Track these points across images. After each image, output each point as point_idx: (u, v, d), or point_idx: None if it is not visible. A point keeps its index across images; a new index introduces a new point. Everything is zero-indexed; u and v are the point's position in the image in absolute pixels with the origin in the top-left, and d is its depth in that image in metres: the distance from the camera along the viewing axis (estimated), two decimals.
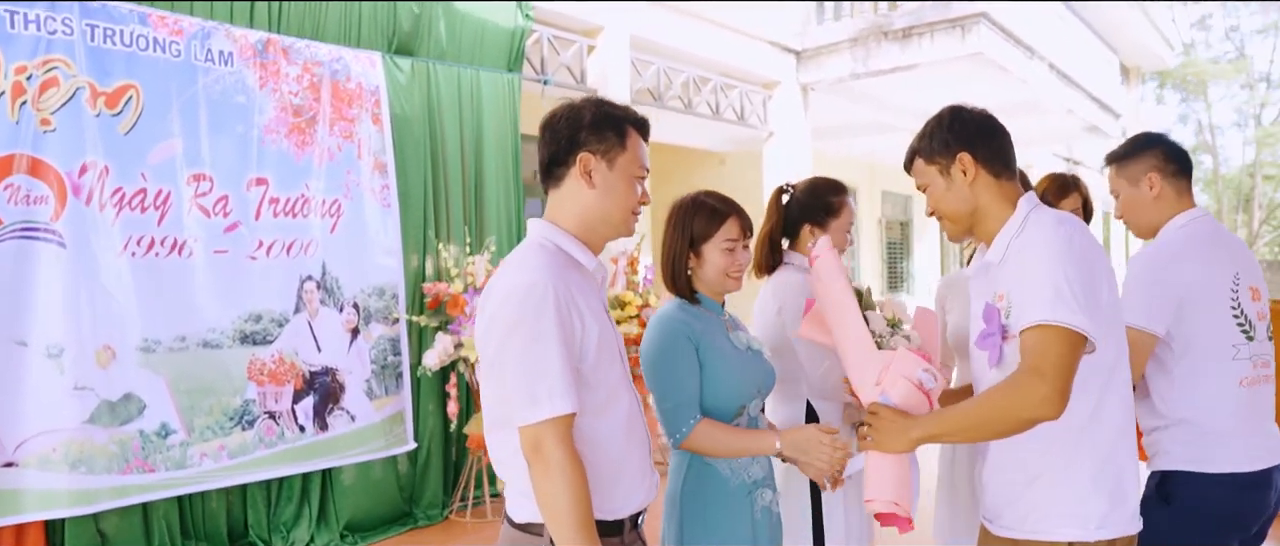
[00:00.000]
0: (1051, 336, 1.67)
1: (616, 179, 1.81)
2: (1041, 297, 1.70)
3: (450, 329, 5.29)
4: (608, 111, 1.83)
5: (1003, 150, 1.92)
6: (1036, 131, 13.28)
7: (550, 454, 1.62)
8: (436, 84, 5.58)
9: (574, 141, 1.80)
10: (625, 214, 1.84)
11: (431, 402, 5.39)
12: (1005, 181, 1.92)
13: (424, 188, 5.47)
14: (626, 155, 1.82)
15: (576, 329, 1.69)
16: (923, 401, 2.01)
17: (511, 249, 5.92)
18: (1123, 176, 2.50)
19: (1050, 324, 1.67)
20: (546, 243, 1.79)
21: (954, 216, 1.95)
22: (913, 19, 8.88)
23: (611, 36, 7.14)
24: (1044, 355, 1.66)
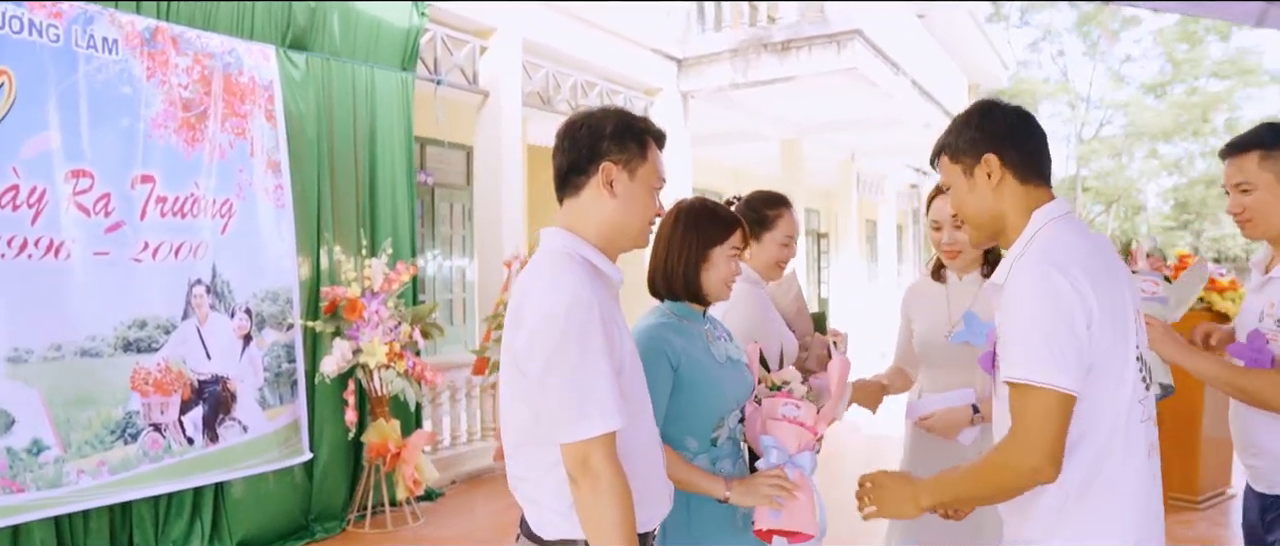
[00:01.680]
0: (1031, 399, 1.59)
1: (637, 189, 1.81)
2: (1018, 349, 1.61)
3: (348, 334, 5.12)
4: (629, 122, 1.82)
5: (1034, 154, 1.77)
6: (896, 144, 13.99)
7: (600, 470, 1.61)
8: (331, 81, 5.39)
9: (596, 151, 1.78)
10: (644, 224, 1.85)
11: (329, 411, 5.19)
12: (1032, 188, 1.77)
13: (318, 188, 5.26)
14: (646, 166, 1.82)
15: (616, 342, 1.69)
16: (802, 432, 2.15)
17: (409, 252, 5.82)
18: (1269, 170, 2.23)
19: (1029, 383, 1.59)
20: (574, 253, 1.77)
21: (976, 222, 1.83)
22: (791, 33, 9.19)
23: (504, 38, 7.07)
24: (1023, 419, 1.60)
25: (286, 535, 4.96)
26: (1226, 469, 5.76)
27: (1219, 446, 5.54)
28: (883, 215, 17.93)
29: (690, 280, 2.24)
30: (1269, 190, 2.21)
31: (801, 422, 2.18)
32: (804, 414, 2.18)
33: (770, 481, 2.13)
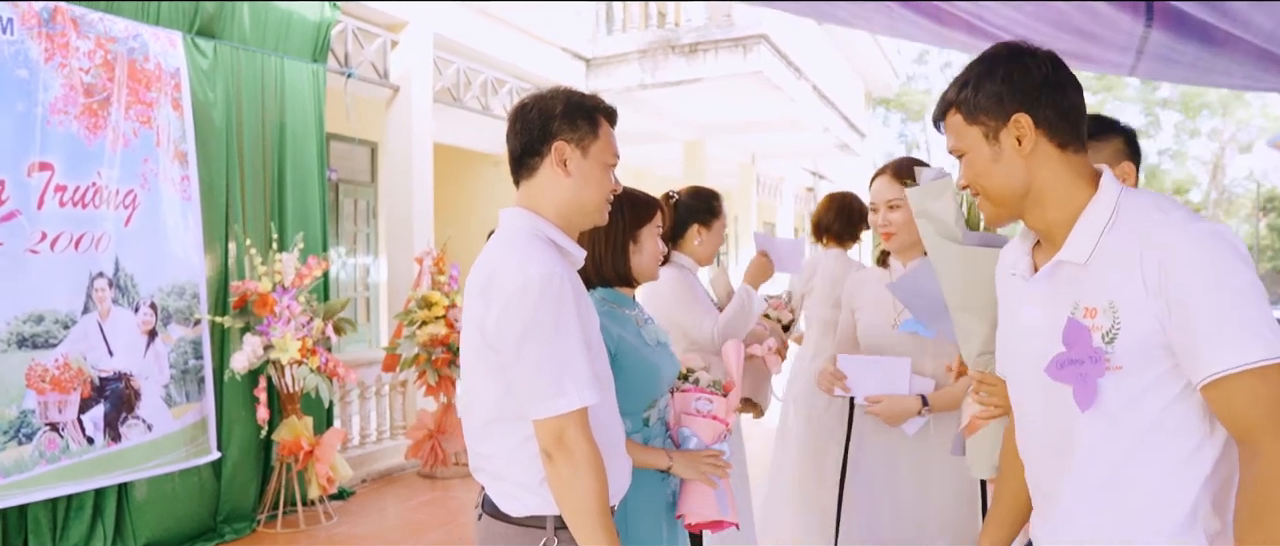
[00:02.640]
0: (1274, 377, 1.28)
1: (591, 167, 1.82)
2: (1238, 330, 1.30)
3: (258, 330, 4.98)
4: (578, 101, 1.84)
5: (1073, 112, 1.46)
6: (795, 146, 14.36)
7: (575, 444, 1.64)
8: (240, 71, 5.23)
9: (547, 131, 1.79)
10: (600, 202, 1.86)
11: (239, 408, 5.04)
12: (1074, 154, 1.46)
13: (227, 180, 5.11)
14: (599, 143, 1.83)
15: (586, 318, 1.72)
16: (715, 424, 2.27)
17: (320, 246, 5.70)
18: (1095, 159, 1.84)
19: (1273, 363, 1.28)
20: (538, 232, 1.78)
21: (1000, 197, 1.51)
22: (699, 36, 9.35)
23: (416, 32, 6.99)
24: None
25: (194, 537, 4.79)
26: None
27: None
28: (780, 217, 18.36)
29: (619, 264, 2.32)
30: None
31: (715, 416, 2.28)
32: (716, 407, 2.29)
33: (709, 459, 2.21)
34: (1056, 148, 1.45)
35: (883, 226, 2.61)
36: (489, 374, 1.73)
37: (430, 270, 6.53)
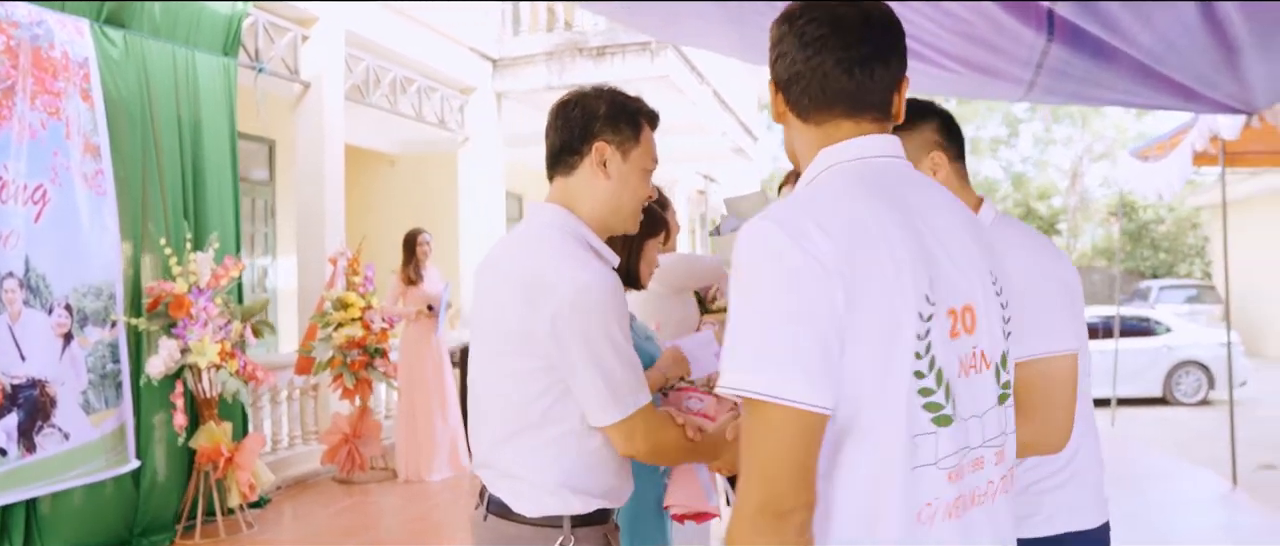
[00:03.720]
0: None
1: (630, 171, 1.79)
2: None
3: (175, 332, 4.81)
4: (623, 103, 1.82)
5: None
6: (693, 150, 14.63)
7: (644, 438, 1.70)
8: (151, 62, 5.04)
9: (588, 130, 1.76)
10: (636, 206, 1.84)
11: (156, 414, 4.85)
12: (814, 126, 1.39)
13: (142, 176, 4.91)
14: (640, 148, 1.80)
15: (625, 319, 1.73)
16: (706, 423, 2.38)
17: (234, 246, 5.54)
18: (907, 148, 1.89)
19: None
20: (574, 233, 1.76)
21: None
22: (607, 39, 9.46)
23: (326, 28, 6.85)
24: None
25: None
26: None
27: None
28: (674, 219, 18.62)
29: (631, 267, 2.39)
30: None
31: (706, 414, 2.37)
32: (707, 405, 2.39)
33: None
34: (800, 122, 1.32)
35: None
36: (517, 377, 1.70)
37: (345, 271, 6.43)
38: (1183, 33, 3.54)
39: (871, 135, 1.26)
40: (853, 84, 1.24)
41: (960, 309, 1.19)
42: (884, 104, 1.27)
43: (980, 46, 3.91)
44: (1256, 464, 7.06)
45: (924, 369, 1.13)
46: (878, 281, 1.11)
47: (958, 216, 1.26)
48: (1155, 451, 7.99)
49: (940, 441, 1.15)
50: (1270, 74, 4.12)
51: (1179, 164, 7.18)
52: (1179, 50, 3.70)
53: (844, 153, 1.25)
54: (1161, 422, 9.88)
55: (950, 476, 1.16)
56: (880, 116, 1.27)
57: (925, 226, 1.19)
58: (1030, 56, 3.89)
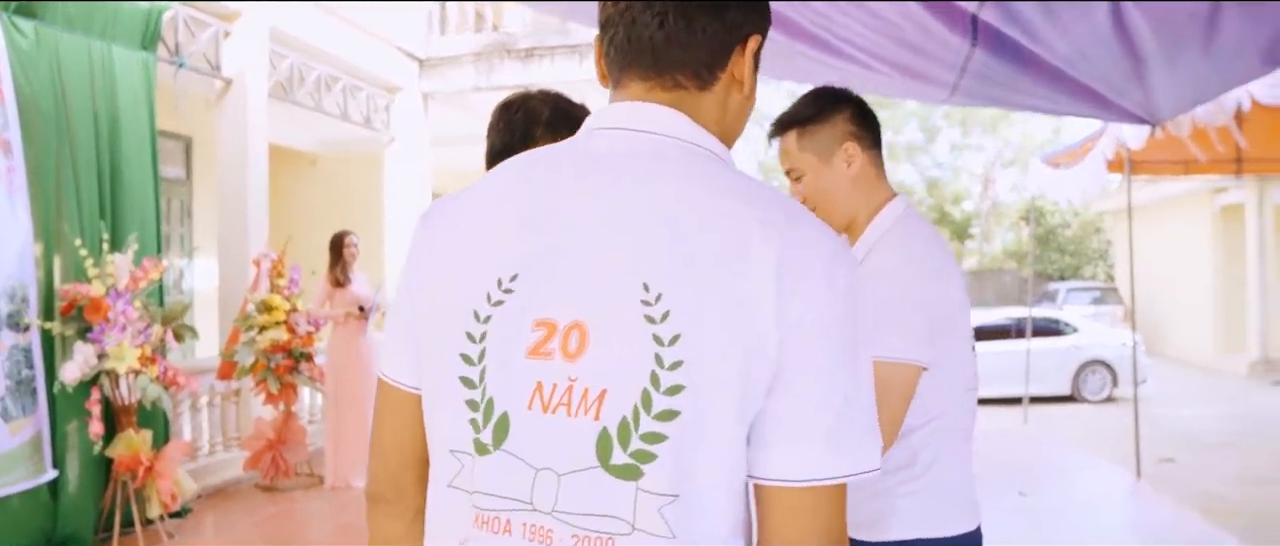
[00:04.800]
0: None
1: None
2: None
3: (91, 336, 4.64)
4: (566, 110, 1.81)
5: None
6: None
7: None
8: (66, 55, 4.85)
9: (530, 135, 1.74)
10: None
11: (71, 422, 4.66)
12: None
13: (54, 174, 4.72)
14: None
15: None
16: None
17: (155, 247, 5.37)
18: (808, 149, 1.77)
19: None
20: None
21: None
22: (535, 41, 9.43)
23: (250, 24, 6.69)
24: None
25: None
26: None
27: None
28: None
29: None
30: (814, 173, 1.78)
31: None
32: None
33: None
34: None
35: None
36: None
37: (269, 273, 6.28)
38: (1096, 42, 3.72)
39: (632, 101, 0.99)
40: (662, 36, 0.97)
41: (564, 325, 0.90)
42: (688, 64, 0.98)
43: (906, 49, 4.03)
44: (1157, 457, 7.41)
45: (475, 378, 0.93)
46: (451, 260, 0.98)
47: (665, 213, 0.91)
48: (1065, 447, 8.32)
49: (476, 470, 0.92)
50: (1174, 86, 4.34)
51: (1093, 171, 7.50)
52: (1092, 58, 3.88)
53: (589, 123, 1.04)
54: (1070, 419, 10.29)
55: (479, 520, 0.92)
56: (679, 83, 0.99)
57: (581, 217, 0.93)
58: (955, 60, 4.03)
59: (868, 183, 1.78)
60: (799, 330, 0.87)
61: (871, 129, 1.78)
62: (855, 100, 1.80)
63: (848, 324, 0.90)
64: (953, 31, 3.83)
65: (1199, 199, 15.86)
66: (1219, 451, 8.13)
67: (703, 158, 0.97)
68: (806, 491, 0.88)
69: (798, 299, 0.87)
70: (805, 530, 0.89)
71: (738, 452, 0.88)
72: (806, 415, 0.88)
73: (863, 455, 0.90)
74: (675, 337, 0.86)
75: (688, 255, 0.88)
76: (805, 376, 0.88)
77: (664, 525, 0.86)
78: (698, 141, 0.98)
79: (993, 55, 3.97)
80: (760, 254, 0.88)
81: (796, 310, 0.87)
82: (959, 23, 3.80)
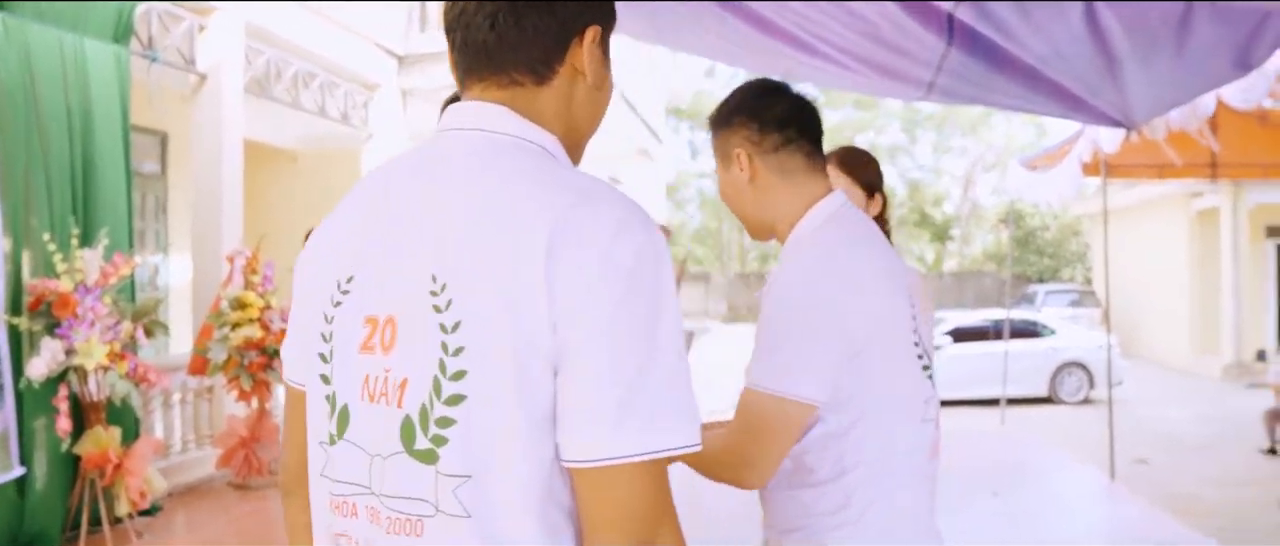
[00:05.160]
0: None
1: None
2: None
3: (58, 332, 4.57)
4: None
5: None
6: (598, 151, 14.67)
7: None
8: (36, 47, 4.79)
9: None
10: None
11: (38, 419, 4.59)
12: None
13: (23, 168, 4.65)
14: None
15: None
16: None
17: (126, 243, 5.30)
18: (716, 152, 1.68)
19: None
20: None
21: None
22: None
23: (225, 18, 6.62)
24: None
25: None
26: None
27: None
28: None
29: None
30: (720, 176, 1.69)
31: None
32: None
33: None
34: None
35: None
36: None
37: (243, 269, 6.22)
38: (1071, 41, 3.73)
39: (471, 101, 1.03)
40: (494, 37, 1.00)
41: (382, 319, 0.96)
42: (522, 62, 1.01)
43: (883, 47, 4.04)
44: (1132, 458, 7.46)
45: (329, 374, 1.01)
46: (314, 267, 1.06)
47: (460, 207, 0.95)
48: (1042, 448, 8.36)
49: (330, 459, 1.00)
50: (1149, 87, 4.37)
51: (1069, 174, 7.55)
52: (1067, 57, 3.89)
53: (438, 125, 1.08)
54: (1047, 421, 10.35)
55: (334, 504, 1.00)
56: (515, 80, 1.02)
57: (402, 217, 0.98)
58: (931, 58, 4.04)
59: (787, 186, 1.57)
60: (576, 310, 0.88)
61: (786, 130, 1.57)
62: (769, 103, 1.58)
63: (636, 301, 0.90)
64: (928, 30, 3.83)
65: (1175, 203, 16.01)
66: (1194, 452, 8.21)
67: (524, 152, 0.99)
68: (603, 471, 0.89)
69: (572, 279, 0.88)
70: (608, 509, 0.90)
71: (528, 433, 0.90)
72: (590, 395, 0.89)
73: (659, 435, 0.89)
74: (457, 325, 0.90)
75: (470, 245, 0.92)
76: (586, 356, 0.88)
77: (459, 505, 0.90)
78: (524, 135, 1.01)
79: (968, 55, 3.98)
80: (533, 238, 0.89)
81: (571, 290, 0.88)
82: (935, 22, 3.81)
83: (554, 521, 0.93)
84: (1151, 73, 4.13)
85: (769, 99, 1.58)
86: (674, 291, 0.96)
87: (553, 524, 0.93)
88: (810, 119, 1.59)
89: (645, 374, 0.89)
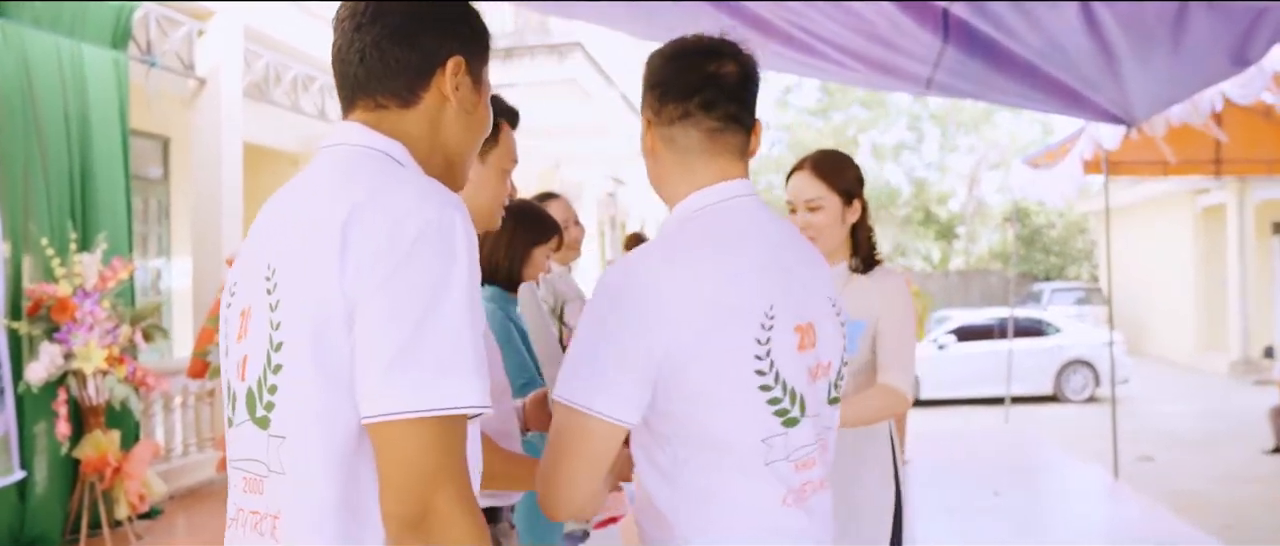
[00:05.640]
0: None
1: (488, 172, 1.74)
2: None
3: (57, 337, 4.59)
4: None
5: None
6: (600, 153, 14.67)
7: None
8: (34, 53, 4.80)
9: None
10: (495, 206, 1.77)
11: (39, 423, 4.60)
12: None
13: (21, 173, 4.67)
14: (499, 149, 1.75)
15: None
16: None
17: (125, 247, 5.32)
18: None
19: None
20: None
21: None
22: (514, 40, 9.41)
23: (224, 22, 6.63)
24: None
25: None
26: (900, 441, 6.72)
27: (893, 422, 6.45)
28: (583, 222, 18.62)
29: (514, 271, 2.40)
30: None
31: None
32: None
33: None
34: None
35: (803, 230, 2.13)
36: None
37: None
38: (1069, 34, 3.72)
39: (343, 121, 1.19)
40: (363, 71, 1.17)
41: (243, 311, 1.12)
42: (388, 90, 1.16)
43: (879, 45, 4.03)
44: (1136, 456, 7.42)
45: (226, 365, 1.18)
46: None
47: (295, 204, 1.12)
48: (1045, 446, 8.33)
49: (231, 440, 1.14)
50: (1149, 84, 4.35)
51: (1071, 172, 7.53)
52: (1066, 50, 3.87)
53: None
54: (1052, 419, 10.31)
55: (234, 481, 1.14)
56: (380, 105, 1.17)
57: (261, 222, 1.16)
58: (928, 55, 4.03)
59: (679, 164, 1.41)
60: (362, 274, 0.99)
61: (686, 103, 1.38)
62: (673, 71, 1.42)
63: (417, 266, 0.99)
64: (924, 27, 3.82)
65: (1181, 200, 15.94)
66: (1198, 450, 8.17)
67: (368, 157, 1.12)
68: (383, 426, 0.98)
69: (362, 247, 0.99)
70: (387, 465, 0.99)
71: (326, 395, 1.00)
72: (371, 353, 0.98)
73: (434, 393, 0.97)
74: (277, 303, 1.04)
75: (292, 233, 1.06)
76: (368, 317, 0.98)
77: (279, 463, 1.04)
78: (372, 144, 1.13)
79: (965, 51, 3.97)
80: (336, 216, 1.01)
81: (360, 257, 0.99)
82: (930, 19, 3.79)
83: (360, 481, 1.02)
84: (1150, 69, 4.11)
85: (674, 66, 1.42)
86: (471, 267, 1.03)
87: (358, 483, 1.02)
88: (724, 93, 1.39)
89: (423, 333, 0.97)
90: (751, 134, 1.44)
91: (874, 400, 2.18)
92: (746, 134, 1.42)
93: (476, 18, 1.25)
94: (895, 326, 2.20)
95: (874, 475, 2.23)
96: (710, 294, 1.27)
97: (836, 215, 2.20)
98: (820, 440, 1.38)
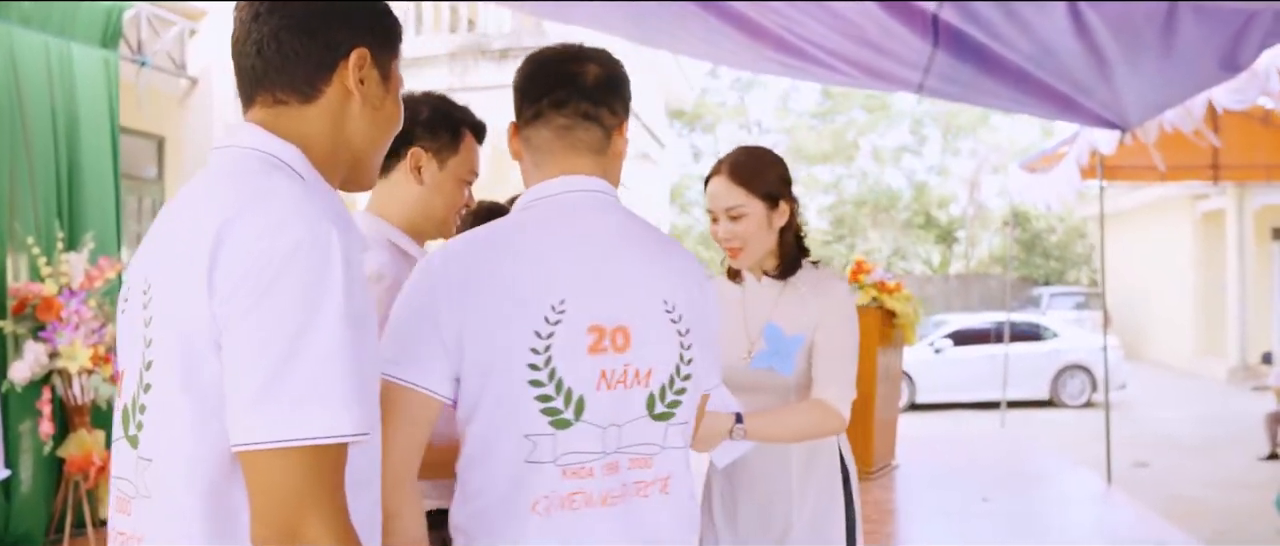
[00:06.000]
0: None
1: (445, 179, 1.76)
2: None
3: (42, 336, 4.57)
4: (445, 111, 1.79)
5: None
6: None
7: None
8: (22, 53, 4.78)
9: (407, 135, 1.64)
10: (449, 214, 1.80)
11: (23, 423, 4.59)
12: None
13: (8, 172, 4.65)
14: (458, 158, 1.77)
15: None
16: None
17: (114, 247, 5.30)
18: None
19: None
20: (381, 237, 1.71)
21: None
22: (510, 42, 9.40)
23: (217, 21, 6.63)
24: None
25: None
26: (892, 445, 6.68)
27: (886, 426, 6.42)
28: None
29: None
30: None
31: None
32: None
33: None
34: None
35: (726, 241, 2.01)
36: None
37: None
38: (1059, 38, 3.69)
39: (241, 121, 1.17)
40: (261, 63, 1.13)
41: (123, 326, 1.13)
42: (287, 83, 1.13)
43: (869, 49, 4.00)
44: (1132, 461, 7.40)
45: None
46: None
47: (174, 216, 1.10)
48: (1040, 451, 8.30)
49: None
50: (1141, 89, 4.32)
51: (1067, 176, 7.51)
52: (1057, 54, 3.85)
53: None
54: (1048, 424, 10.29)
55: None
56: (279, 100, 1.14)
57: (152, 232, 1.14)
58: (918, 60, 4.00)
59: (531, 163, 1.44)
60: (230, 298, 0.95)
61: (537, 103, 1.41)
62: (526, 72, 1.46)
63: (285, 291, 0.94)
64: (913, 32, 3.79)
65: (1180, 205, 15.92)
66: (1194, 455, 8.15)
67: (252, 162, 1.07)
68: (250, 455, 0.95)
69: (230, 268, 0.95)
70: (254, 493, 0.95)
71: (195, 419, 0.97)
72: (238, 381, 0.95)
73: (300, 423, 0.93)
74: (150, 320, 1.01)
75: (164, 249, 1.03)
76: (235, 343, 0.95)
77: (146, 486, 1.00)
78: (260, 147, 1.09)
79: (955, 57, 3.94)
80: (205, 233, 0.97)
81: (228, 278, 0.95)
82: (919, 23, 3.77)
83: (230, 506, 0.98)
84: (1141, 74, 4.09)
85: (533, 68, 1.46)
86: (348, 285, 0.98)
87: (228, 508, 0.98)
88: (578, 91, 1.40)
89: (293, 360, 0.93)
90: (614, 133, 1.45)
91: (801, 416, 1.98)
92: (605, 133, 1.42)
93: (386, 10, 1.21)
94: (833, 338, 2.00)
95: (818, 492, 2.06)
96: (503, 283, 1.28)
97: (761, 221, 1.99)
98: (624, 454, 1.30)
